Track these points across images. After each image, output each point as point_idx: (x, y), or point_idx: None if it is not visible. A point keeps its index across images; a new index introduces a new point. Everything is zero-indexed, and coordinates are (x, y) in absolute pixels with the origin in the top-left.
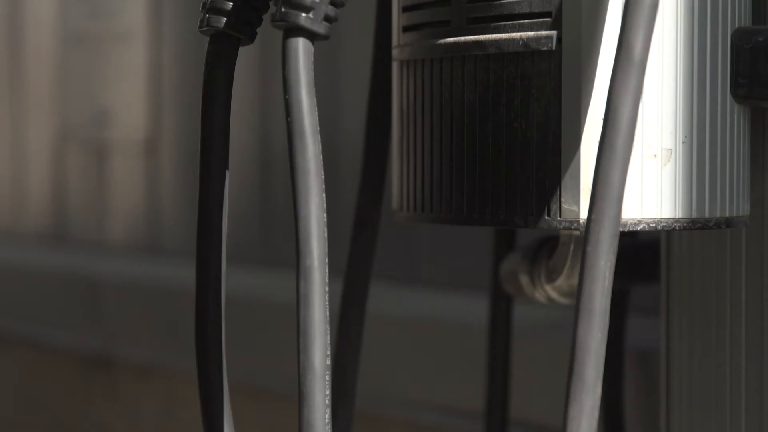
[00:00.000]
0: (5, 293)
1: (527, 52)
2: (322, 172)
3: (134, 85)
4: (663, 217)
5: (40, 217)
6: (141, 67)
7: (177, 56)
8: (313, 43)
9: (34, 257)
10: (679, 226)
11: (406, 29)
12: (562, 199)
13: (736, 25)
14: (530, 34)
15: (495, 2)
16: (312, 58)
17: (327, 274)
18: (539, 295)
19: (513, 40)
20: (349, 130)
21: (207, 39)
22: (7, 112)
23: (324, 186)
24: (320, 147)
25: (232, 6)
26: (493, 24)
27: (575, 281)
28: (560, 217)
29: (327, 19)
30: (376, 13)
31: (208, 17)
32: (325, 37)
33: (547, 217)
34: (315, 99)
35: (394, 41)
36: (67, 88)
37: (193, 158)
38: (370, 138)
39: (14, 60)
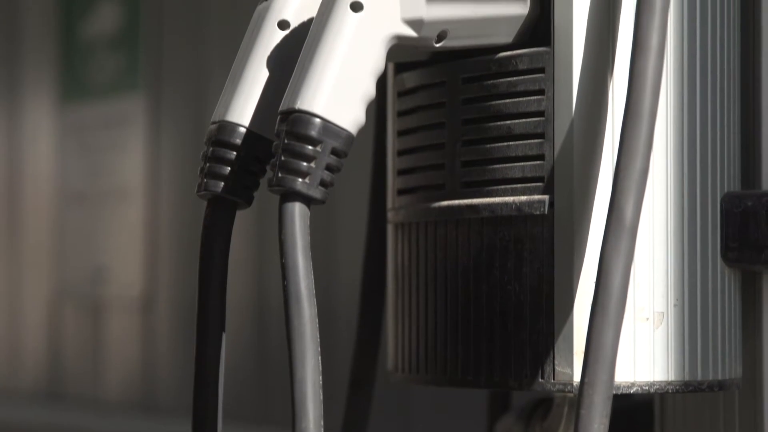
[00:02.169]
0: None
1: (520, 216)
2: (318, 335)
3: (131, 243)
4: (656, 379)
5: (36, 374)
6: (138, 225)
7: (174, 215)
8: (309, 208)
9: (29, 415)
10: (672, 389)
11: (400, 192)
12: (556, 362)
13: (726, 190)
14: (523, 198)
15: (488, 167)
16: (308, 222)
17: None
18: None
19: (506, 204)
20: (345, 291)
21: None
22: (4, 269)
23: (319, 348)
24: (316, 310)
25: (230, 171)
26: (486, 188)
27: None
28: (554, 379)
29: (323, 184)
30: (372, 177)
31: (206, 182)
32: (321, 202)
33: (540, 380)
34: (311, 262)
35: (389, 204)
36: (64, 244)
37: (190, 316)
38: (365, 300)
39: (12, 216)
